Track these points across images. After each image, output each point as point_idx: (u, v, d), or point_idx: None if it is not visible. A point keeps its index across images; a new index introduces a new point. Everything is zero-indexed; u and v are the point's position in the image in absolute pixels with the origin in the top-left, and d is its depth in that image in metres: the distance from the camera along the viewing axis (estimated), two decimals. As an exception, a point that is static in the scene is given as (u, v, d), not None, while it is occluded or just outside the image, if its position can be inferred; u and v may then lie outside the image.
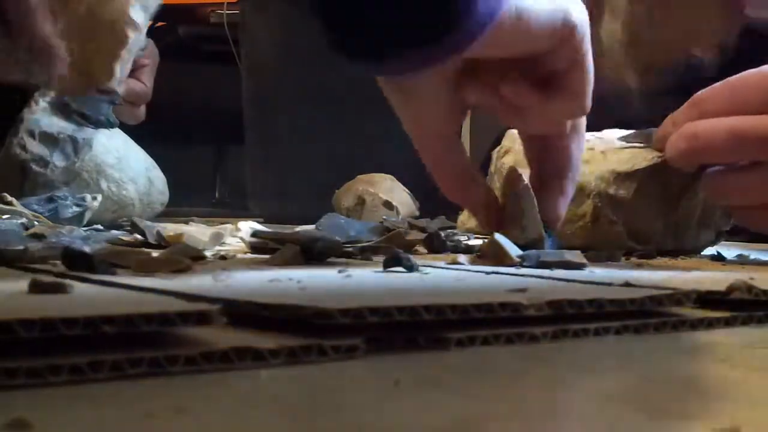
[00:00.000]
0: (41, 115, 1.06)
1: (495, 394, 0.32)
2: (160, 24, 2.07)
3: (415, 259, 0.60)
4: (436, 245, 0.77)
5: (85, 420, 0.27)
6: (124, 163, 1.09)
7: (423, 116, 0.65)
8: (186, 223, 0.88)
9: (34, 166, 1.04)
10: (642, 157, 0.77)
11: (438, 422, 0.28)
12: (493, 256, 0.65)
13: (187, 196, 1.63)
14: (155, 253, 0.59)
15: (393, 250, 0.63)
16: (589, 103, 0.66)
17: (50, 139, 1.05)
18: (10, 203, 0.90)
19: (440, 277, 0.56)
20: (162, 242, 0.71)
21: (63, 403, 0.29)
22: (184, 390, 0.31)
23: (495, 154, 0.87)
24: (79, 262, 0.52)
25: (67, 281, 0.41)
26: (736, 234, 0.95)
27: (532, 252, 0.62)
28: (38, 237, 0.71)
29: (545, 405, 0.31)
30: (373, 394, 0.32)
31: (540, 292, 0.44)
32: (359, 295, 0.46)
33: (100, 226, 0.93)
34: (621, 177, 0.76)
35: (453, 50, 0.58)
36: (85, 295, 0.40)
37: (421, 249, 0.77)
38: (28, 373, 0.29)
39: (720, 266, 0.71)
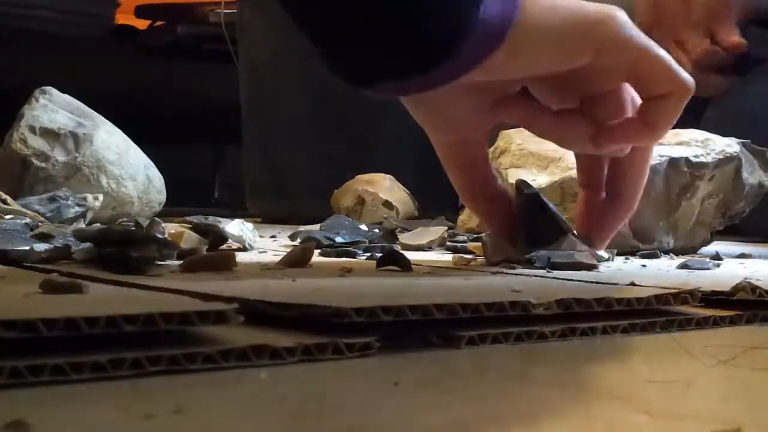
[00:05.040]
0: (41, 111, 1.07)
1: (495, 394, 0.33)
2: (159, 23, 2.07)
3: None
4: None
5: (84, 420, 0.27)
6: (124, 159, 1.10)
7: (440, 121, 0.61)
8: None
9: (35, 161, 1.04)
10: None
11: (438, 422, 0.28)
12: (484, 254, 0.66)
13: (186, 195, 1.63)
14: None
15: (388, 248, 0.64)
16: (616, 139, 0.58)
17: (51, 135, 1.06)
18: (5, 201, 0.90)
19: (447, 276, 0.56)
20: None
21: (62, 403, 0.29)
22: (183, 390, 0.31)
23: (490, 154, 0.87)
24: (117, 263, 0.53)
25: (79, 281, 0.41)
26: (735, 234, 0.95)
27: (543, 252, 0.62)
28: (43, 237, 0.71)
29: (545, 405, 0.31)
30: (373, 394, 0.32)
31: (547, 291, 0.44)
32: (370, 294, 0.47)
33: (100, 225, 0.93)
34: None
35: (446, 79, 0.53)
36: (101, 295, 0.41)
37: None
38: (53, 371, 0.29)
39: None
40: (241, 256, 0.68)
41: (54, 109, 1.08)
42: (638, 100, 0.59)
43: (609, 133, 0.58)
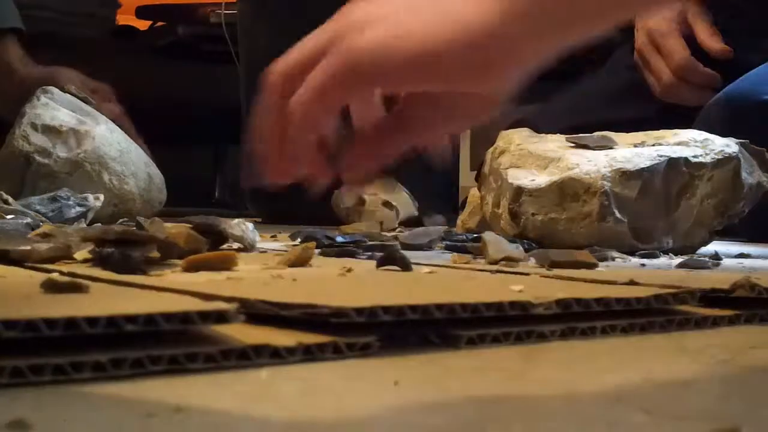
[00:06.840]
0: (43, 109, 1.07)
1: (495, 394, 0.33)
2: (159, 24, 2.07)
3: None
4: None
5: (85, 420, 0.27)
6: (125, 156, 1.10)
7: None
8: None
9: (38, 157, 1.04)
10: (645, 156, 0.78)
11: (438, 422, 0.28)
12: (483, 253, 0.66)
13: (186, 195, 1.63)
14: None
15: (388, 248, 0.64)
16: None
17: (53, 131, 1.06)
18: (6, 201, 0.91)
19: (447, 276, 0.57)
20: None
21: (63, 403, 0.29)
22: (184, 389, 0.31)
23: (489, 154, 0.87)
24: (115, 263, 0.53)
25: (80, 281, 0.41)
26: (733, 234, 0.96)
27: (541, 251, 0.62)
28: (45, 237, 0.71)
29: (545, 405, 0.31)
30: (373, 394, 0.32)
31: (546, 291, 0.44)
32: (370, 294, 0.47)
33: (101, 225, 0.93)
34: (626, 176, 0.77)
35: None
36: (102, 295, 0.41)
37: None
38: (54, 371, 0.30)
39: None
40: (241, 256, 0.68)
41: (55, 107, 1.08)
42: None
43: None
